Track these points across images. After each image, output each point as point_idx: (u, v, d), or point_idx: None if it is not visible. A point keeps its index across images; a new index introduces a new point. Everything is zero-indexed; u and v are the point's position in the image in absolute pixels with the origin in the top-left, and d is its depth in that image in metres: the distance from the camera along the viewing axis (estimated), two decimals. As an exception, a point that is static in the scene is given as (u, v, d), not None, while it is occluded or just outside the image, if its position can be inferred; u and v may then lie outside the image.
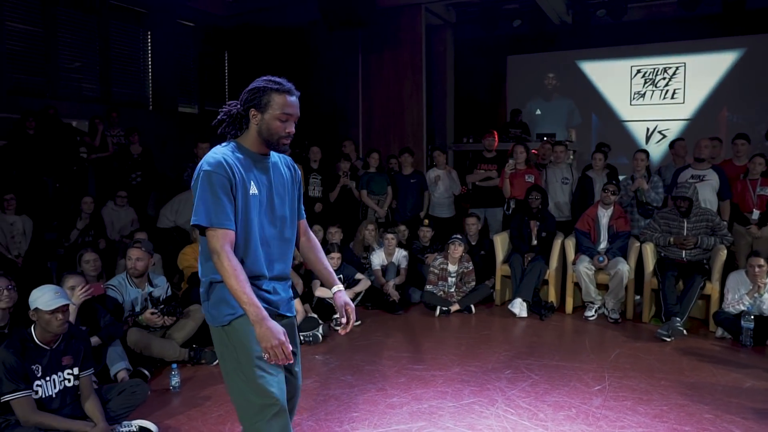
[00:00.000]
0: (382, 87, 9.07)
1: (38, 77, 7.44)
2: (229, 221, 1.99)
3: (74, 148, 7.11)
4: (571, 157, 7.59)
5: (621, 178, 6.26)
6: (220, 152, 2.04)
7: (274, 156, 2.19)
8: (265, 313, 1.93)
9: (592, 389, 3.63)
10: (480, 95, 10.22)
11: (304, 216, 2.33)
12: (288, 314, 2.19)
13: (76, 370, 3.01)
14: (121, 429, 2.96)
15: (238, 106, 2.10)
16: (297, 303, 4.68)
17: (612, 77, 9.49)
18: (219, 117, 2.11)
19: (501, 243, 5.74)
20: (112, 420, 2.99)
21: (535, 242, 5.62)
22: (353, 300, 5.22)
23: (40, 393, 2.88)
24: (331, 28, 7.98)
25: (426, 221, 6.37)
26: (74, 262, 4.50)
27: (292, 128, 2.10)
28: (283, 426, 2.03)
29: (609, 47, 9.34)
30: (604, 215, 5.38)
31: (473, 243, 6.12)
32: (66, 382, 2.98)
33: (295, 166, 2.29)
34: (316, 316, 4.82)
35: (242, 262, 2.02)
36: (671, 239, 5.02)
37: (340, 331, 2.32)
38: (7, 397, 2.78)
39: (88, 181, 7.32)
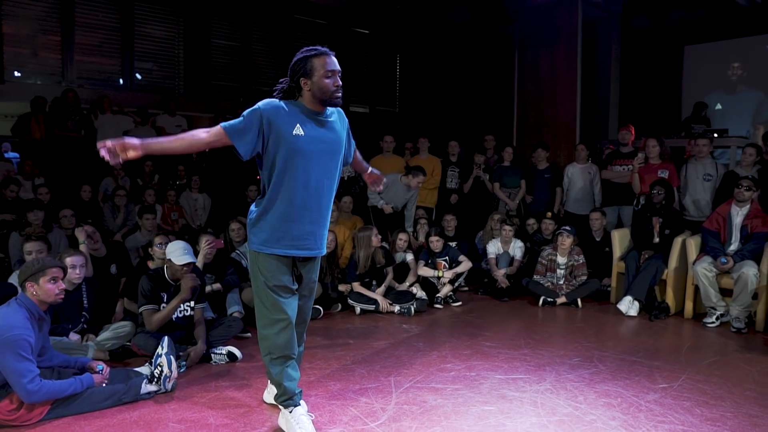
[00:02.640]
0: (536, 83, 9.02)
1: (233, 83, 9.03)
2: (236, 138, 2.47)
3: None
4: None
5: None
6: (276, 100, 2.57)
7: (333, 116, 2.64)
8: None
9: (657, 386, 3.47)
10: (650, 89, 9.53)
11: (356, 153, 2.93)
12: (318, 253, 2.74)
13: (192, 303, 3.89)
14: (215, 350, 3.75)
15: (288, 81, 2.58)
16: (389, 269, 5.20)
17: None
18: (274, 94, 2.61)
19: (620, 239, 5.51)
20: (211, 344, 3.80)
21: (657, 240, 5.28)
22: (455, 280, 5.52)
23: (165, 315, 3.80)
24: (480, 26, 8.25)
25: (549, 214, 6.33)
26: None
27: (338, 81, 2.53)
28: (290, 337, 2.68)
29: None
30: (738, 214, 4.86)
31: (597, 239, 5.94)
32: (184, 311, 3.87)
33: (343, 113, 2.74)
34: (414, 291, 5.24)
35: (277, 198, 2.54)
36: (815, 244, 4.38)
37: (377, 189, 2.95)
38: (141, 309, 3.74)
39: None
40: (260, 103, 2.53)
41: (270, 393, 3.07)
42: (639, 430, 2.89)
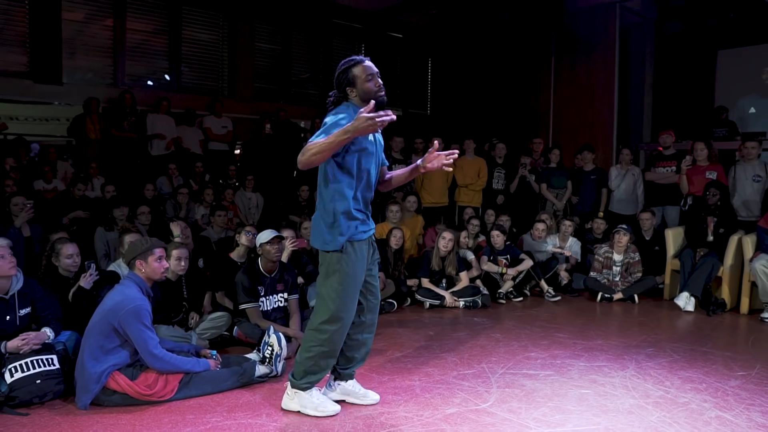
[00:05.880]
0: (573, 87, 9.22)
1: (273, 85, 9.26)
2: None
3: (299, 143, 8.69)
4: None
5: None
6: (346, 107, 2.74)
7: None
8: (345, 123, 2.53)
9: (735, 373, 3.66)
10: (684, 93, 9.71)
11: (387, 163, 3.10)
12: (372, 233, 2.94)
13: (285, 294, 4.10)
14: (311, 339, 3.96)
15: (336, 93, 2.79)
16: (464, 274, 5.38)
17: None
18: (327, 104, 2.83)
19: (673, 237, 5.71)
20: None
21: (711, 238, 5.48)
22: (516, 277, 5.70)
23: (261, 307, 4.02)
24: (520, 31, 8.45)
25: (601, 214, 6.54)
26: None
27: (379, 81, 2.75)
28: (341, 337, 2.87)
29: None
30: (793, 213, 5.06)
31: (647, 238, 6.14)
32: (279, 302, 4.09)
33: None
34: (478, 285, 5.44)
35: (355, 195, 2.77)
36: None
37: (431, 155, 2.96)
38: (242, 306, 3.96)
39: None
40: (340, 116, 2.64)
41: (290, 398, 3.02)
42: (733, 411, 3.08)
